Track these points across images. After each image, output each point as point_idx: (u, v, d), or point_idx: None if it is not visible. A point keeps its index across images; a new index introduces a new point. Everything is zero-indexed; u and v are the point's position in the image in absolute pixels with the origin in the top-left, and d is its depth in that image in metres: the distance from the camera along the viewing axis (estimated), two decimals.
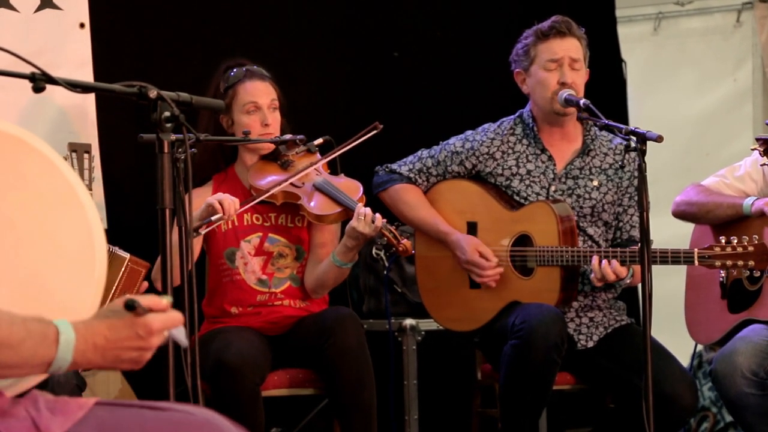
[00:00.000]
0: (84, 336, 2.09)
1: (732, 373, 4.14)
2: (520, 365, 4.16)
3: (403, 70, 5.68)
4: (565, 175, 4.47)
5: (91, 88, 2.88)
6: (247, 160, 4.47)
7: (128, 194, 4.78)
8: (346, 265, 4.33)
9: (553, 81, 4.39)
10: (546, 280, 4.34)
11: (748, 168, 4.48)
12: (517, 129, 4.54)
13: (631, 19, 6.74)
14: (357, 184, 4.40)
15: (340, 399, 4.18)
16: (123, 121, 4.66)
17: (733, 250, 4.09)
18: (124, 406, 2.23)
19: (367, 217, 4.19)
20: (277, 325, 4.38)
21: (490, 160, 4.51)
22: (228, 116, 4.42)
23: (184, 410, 2.23)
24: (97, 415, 2.17)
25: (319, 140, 4.43)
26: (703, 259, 4.13)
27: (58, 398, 2.21)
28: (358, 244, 4.27)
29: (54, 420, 2.13)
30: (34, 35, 4.54)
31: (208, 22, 5.20)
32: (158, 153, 2.82)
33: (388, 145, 4.76)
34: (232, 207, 4.12)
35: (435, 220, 4.49)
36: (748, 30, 6.58)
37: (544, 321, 4.13)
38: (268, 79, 4.46)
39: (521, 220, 4.42)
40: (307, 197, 4.33)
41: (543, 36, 4.42)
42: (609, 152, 4.52)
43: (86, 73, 4.64)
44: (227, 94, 4.40)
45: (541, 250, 4.33)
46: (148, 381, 3.48)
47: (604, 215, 4.47)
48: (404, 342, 5.04)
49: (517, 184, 4.47)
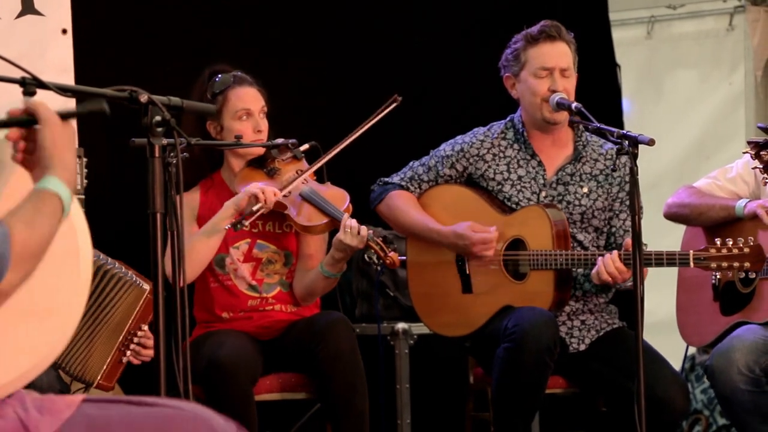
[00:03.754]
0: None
1: (728, 368, 4.15)
2: (512, 368, 4.15)
3: (394, 75, 5.67)
4: (556, 182, 4.47)
5: (81, 93, 2.87)
6: (235, 165, 4.46)
7: (112, 199, 4.77)
8: (335, 275, 4.34)
9: (544, 89, 4.39)
10: (539, 283, 4.34)
11: (739, 170, 4.49)
12: (508, 134, 4.54)
13: (624, 23, 6.75)
14: (343, 194, 4.39)
15: (333, 404, 4.18)
16: (104, 126, 4.65)
17: (728, 251, 4.10)
18: (113, 402, 2.23)
19: (353, 229, 4.19)
20: (268, 330, 4.38)
21: (480, 161, 4.51)
22: (217, 122, 4.41)
23: (173, 405, 2.24)
24: (86, 413, 2.17)
25: (305, 146, 4.41)
26: (698, 260, 4.13)
27: (45, 396, 2.20)
28: (345, 255, 4.28)
29: (42, 420, 2.13)
30: (15, 41, 4.53)
31: (191, 28, 5.21)
32: (149, 157, 2.82)
33: (383, 157, 4.76)
34: (272, 196, 4.15)
35: (426, 221, 4.49)
36: (740, 33, 6.59)
37: (536, 324, 4.13)
38: (256, 85, 4.46)
39: (514, 224, 4.41)
40: (294, 207, 4.32)
41: (533, 40, 4.42)
42: (600, 158, 4.51)
43: (68, 79, 4.62)
44: (216, 100, 4.39)
45: (535, 254, 4.33)
46: (139, 385, 3.48)
47: (594, 221, 4.46)
48: (396, 346, 5.04)
49: (509, 189, 4.47)
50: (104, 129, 4.71)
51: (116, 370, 3.84)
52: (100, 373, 3.78)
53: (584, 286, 4.43)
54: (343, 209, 4.30)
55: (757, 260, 4.09)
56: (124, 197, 4.65)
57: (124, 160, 4.54)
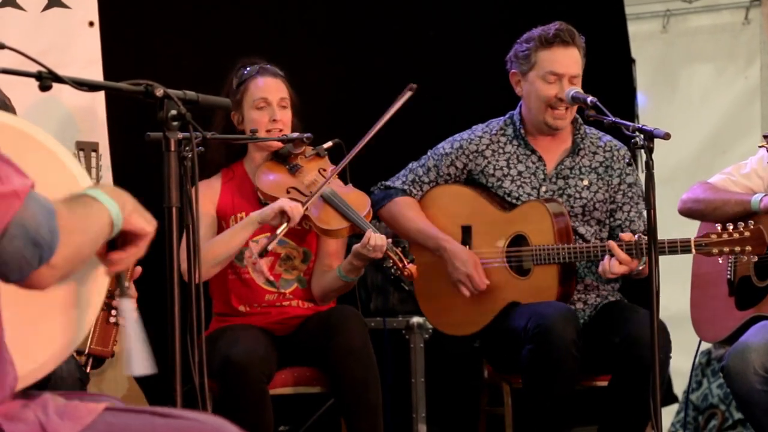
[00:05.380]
0: None
1: (744, 369, 4.14)
2: (542, 368, 4.17)
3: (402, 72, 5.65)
4: (556, 176, 4.49)
5: (97, 87, 2.88)
6: (256, 157, 4.47)
7: (137, 193, 4.77)
8: (352, 279, 4.34)
9: (551, 94, 4.40)
10: (544, 278, 4.35)
11: (754, 165, 4.48)
12: (507, 130, 4.56)
13: (640, 17, 6.73)
14: (365, 198, 4.36)
15: (346, 399, 4.19)
16: (132, 119, 4.66)
17: (729, 236, 4.11)
18: (134, 412, 2.24)
19: (375, 248, 4.15)
20: (284, 325, 4.39)
21: (479, 157, 4.52)
22: (239, 112, 4.42)
23: (194, 418, 2.24)
24: (107, 420, 2.18)
25: (329, 143, 4.39)
26: (700, 247, 4.15)
27: (68, 403, 2.21)
28: (363, 264, 4.27)
29: (63, 425, 2.14)
30: (42, 34, 4.55)
31: (218, 20, 5.20)
32: (165, 151, 2.82)
33: (387, 158, 4.76)
34: (298, 214, 4.15)
35: (431, 230, 4.50)
36: (756, 27, 6.57)
37: (558, 320, 4.14)
38: (280, 77, 4.45)
39: (516, 220, 4.43)
40: (316, 209, 4.28)
41: (546, 43, 4.41)
42: (599, 150, 4.54)
43: (95, 72, 4.64)
44: (239, 90, 4.41)
45: (537, 249, 4.34)
46: (155, 380, 3.48)
47: (596, 213, 4.48)
48: (412, 340, 5.04)
49: (509, 185, 4.48)
50: (122, 122, 4.72)
51: (107, 332, 3.76)
52: (89, 338, 3.73)
53: (585, 279, 4.44)
54: (364, 214, 4.27)
55: (758, 243, 4.10)
56: (142, 191, 4.66)
57: (143, 153, 4.55)
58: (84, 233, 2.14)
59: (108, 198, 2.23)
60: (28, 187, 2.04)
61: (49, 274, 2.08)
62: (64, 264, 2.09)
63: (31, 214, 2.02)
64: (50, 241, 2.05)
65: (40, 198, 2.06)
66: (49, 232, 2.05)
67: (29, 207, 2.03)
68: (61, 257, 2.07)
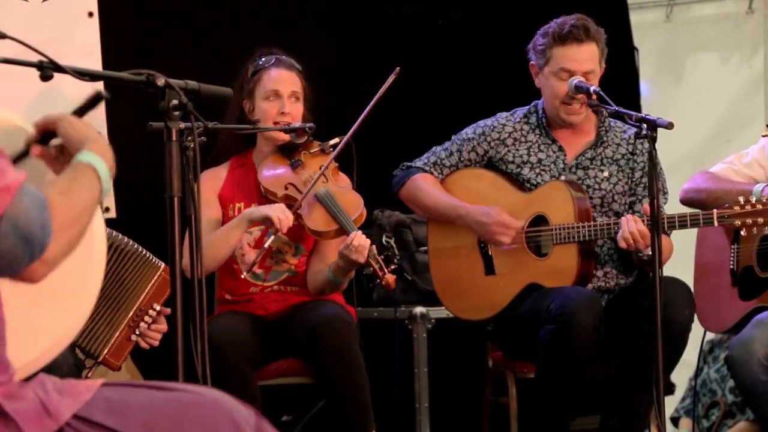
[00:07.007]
0: None
1: (748, 359, 4.13)
2: (560, 349, 4.17)
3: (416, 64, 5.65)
4: (576, 166, 4.48)
5: (98, 77, 2.88)
6: (264, 147, 4.46)
7: (136, 183, 4.77)
8: (341, 281, 4.32)
9: (563, 91, 4.39)
10: (563, 258, 4.33)
11: (755, 154, 4.47)
12: (531, 118, 4.55)
13: (643, 6, 6.71)
14: (358, 201, 4.32)
15: (335, 400, 4.18)
16: (133, 110, 4.65)
17: (752, 207, 4.09)
18: (132, 386, 2.24)
19: (357, 248, 4.14)
20: (271, 312, 4.38)
21: (501, 146, 4.52)
22: (250, 101, 4.41)
23: (193, 391, 2.25)
24: (105, 395, 2.18)
25: (335, 140, 4.35)
26: (722, 218, 4.14)
27: (65, 380, 2.22)
28: (347, 266, 4.24)
29: (63, 401, 2.14)
30: (43, 24, 4.55)
31: (219, 11, 5.19)
32: (166, 141, 2.82)
33: (404, 145, 4.75)
34: (286, 226, 4.14)
35: (451, 200, 4.48)
36: (760, 16, 6.56)
37: (583, 303, 4.14)
38: (295, 69, 4.43)
39: (536, 201, 4.42)
40: (308, 207, 4.27)
41: (560, 40, 4.39)
42: (622, 142, 4.52)
43: (95, 62, 4.64)
44: (252, 79, 4.40)
45: (558, 228, 4.33)
46: (155, 363, 3.49)
47: (614, 205, 4.46)
48: (414, 330, 5.04)
49: (527, 172, 4.48)
50: (122, 113, 4.72)
51: (124, 347, 3.73)
52: (108, 346, 3.71)
53: (606, 265, 4.42)
54: (355, 218, 4.25)
55: None
56: (144, 181, 4.67)
57: (142, 144, 4.55)
58: (76, 222, 2.12)
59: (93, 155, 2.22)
60: (20, 181, 2.02)
61: (41, 269, 2.06)
62: (57, 257, 2.07)
63: (22, 209, 2.00)
64: (42, 237, 2.03)
65: (33, 190, 2.04)
66: (41, 227, 2.03)
67: (21, 201, 2.01)
68: (54, 250, 2.06)
